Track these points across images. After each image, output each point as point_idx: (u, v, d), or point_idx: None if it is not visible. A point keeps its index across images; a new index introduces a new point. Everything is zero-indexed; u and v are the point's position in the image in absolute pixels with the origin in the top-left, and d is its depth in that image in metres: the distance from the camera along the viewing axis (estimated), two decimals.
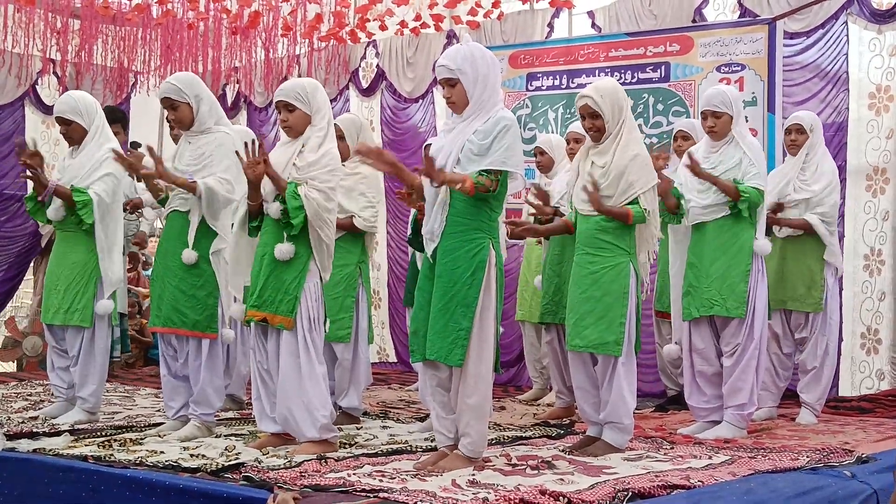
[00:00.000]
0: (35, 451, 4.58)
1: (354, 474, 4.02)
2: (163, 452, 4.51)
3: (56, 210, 5.52)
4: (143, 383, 7.48)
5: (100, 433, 5.09)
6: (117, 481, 4.04)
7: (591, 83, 5.00)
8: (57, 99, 6.02)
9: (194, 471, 4.11)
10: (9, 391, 6.80)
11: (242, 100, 9.81)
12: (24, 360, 8.72)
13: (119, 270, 5.68)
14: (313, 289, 4.73)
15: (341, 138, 5.45)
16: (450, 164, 4.28)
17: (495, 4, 8.31)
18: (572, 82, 7.59)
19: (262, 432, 4.86)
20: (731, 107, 5.36)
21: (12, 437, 4.88)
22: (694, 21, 7.40)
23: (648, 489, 3.78)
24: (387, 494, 3.65)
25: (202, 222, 5.06)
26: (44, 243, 8.61)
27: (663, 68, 7.28)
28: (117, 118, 6.92)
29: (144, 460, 4.31)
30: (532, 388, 7.05)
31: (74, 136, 5.59)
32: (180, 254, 5.07)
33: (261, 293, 4.71)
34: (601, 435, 4.78)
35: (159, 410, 5.83)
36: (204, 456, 4.45)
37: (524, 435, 5.30)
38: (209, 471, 4.10)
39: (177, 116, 5.14)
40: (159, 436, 4.98)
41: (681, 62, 7.20)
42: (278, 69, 9.38)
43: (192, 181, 4.98)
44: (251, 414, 5.71)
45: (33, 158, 5.40)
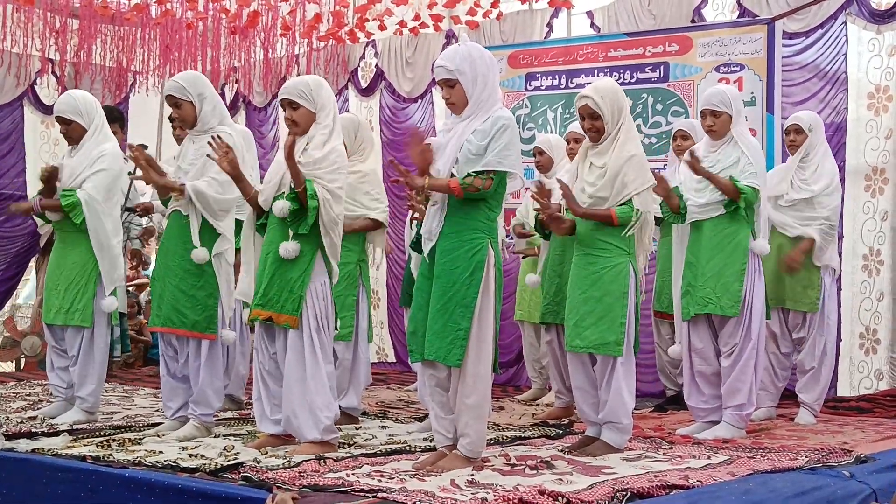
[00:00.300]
0: (34, 450, 4.57)
1: (353, 474, 4.02)
2: (161, 452, 4.51)
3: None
4: (142, 383, 7.48)
5: (98, 433, 5.09)
6: (116, 481, 4.05)
7: (590, 83, 5.00)
8: (56, 98, 6.02)
9: (193, 471, 4.11)
10: (7, 391, 6.80)
11: (241, 100, 9.81)
12: (23, 360, 8.72)
13: (119, 268, 5.68)
14: (320, 288, 4.71)
15: None
16: (448, 164, 4.28)
17: (494, 4, 8.31)
18: (571, 82, 7.59)
19: (261, 432, 4.86)
20: (730, 106, 5.36)
21: (11, 436, 4.88)
22: (693, 21, 7.40)
23: (647, 489, 3.78)
24: (385, 494, 3.65)
25: (204, 223, 5.06)
26: (42, 243, 8.61)
27: (662, 68, 7.28)
28: (115, 118, 6.92)
29: (143, 460, 4.31)
30: (531, 388, 7.05)
31: (74, 135, 5.59)
32: (181, 254, 5.07)
33: (265, 292, 4.70)
34: (600, 435, 4.78)
35: (158, 410, 5.83)
36: (203, 456, 4.44)
37: (523, 435, 5.30)
38: (208, 471, 4.10)
39: (180, 114, 5.15)
40: (158, 436, 4.98)
41: (680, 62, 7.20)
42: (277, 69, 9.38)
43: (180, 184, 4.98)
44: (250, 414, 5.72)
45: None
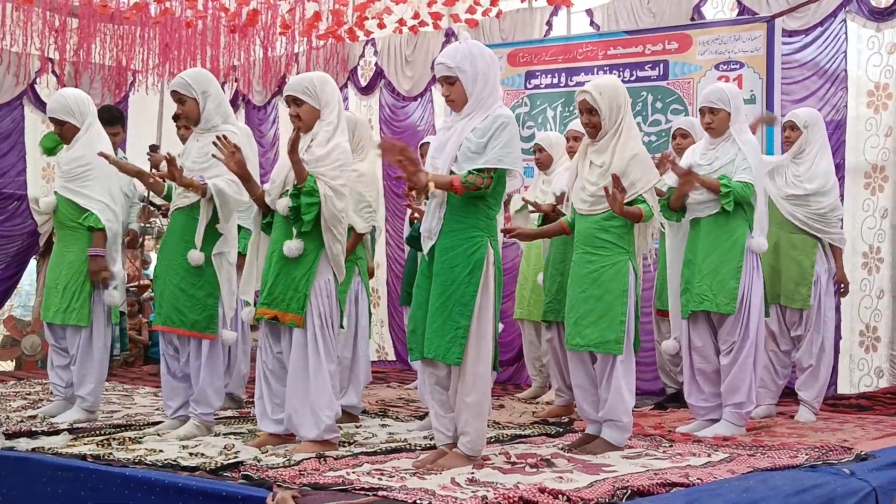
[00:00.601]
0: (34, 450, 4.57)
1: (353, 472, 4.02)
2: (161, 451, 4.51)
3: (48, 203, 5.56)
4: (142, 382, 7.48)
5: (98, 432, 5.09)
6: (116, 480, 4.04)
7: (589, 81, 4.99)
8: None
9: (193, 469, 4.11)
10: (7, 390, 6.80)
11: (241, 98, 9.81)
12: (23, 359, 8.72)
13: (119, 267, 5.70)
14: (324, 286, 4.71)
15: None
16: (448, 162, 4.28)
17: (493, 2, 8.31)
18: (571, 80, 7.59)
19: (262, 431, 4.86)
20: (727, 103, 5.36)
21: (11, 435, 4.88)
22: (692, 19, 7.40)
23: (647, 487, 3.77)
24: (386, 493, 3.65)
25: (207, 224, 5.05)
26: (42, 242, 8.60)
27: (662, 66, 7.28)
28: (116, 118, 6.91)
29: (143, 459, 4.31)
30: (531, 387, 7.05)
31: (68, 135, 5.60)
32: (182, 252, 5.07)
33: (271, 291, 4.70)
34: (600, 433, 4.79)
35: (158, 409, 5.84)
36: (203, 455, 4.44)
37: (523, 433, 5.30)
38: (208, 469, 4.10)
39: (184, 111, 5.14)
40: (158, 434, 4.98)
41: (679, 60, 7.20)
42: (277, 68, 9.38)
43: (202, 182, 4.97)
44: (250, 413, 5.73)
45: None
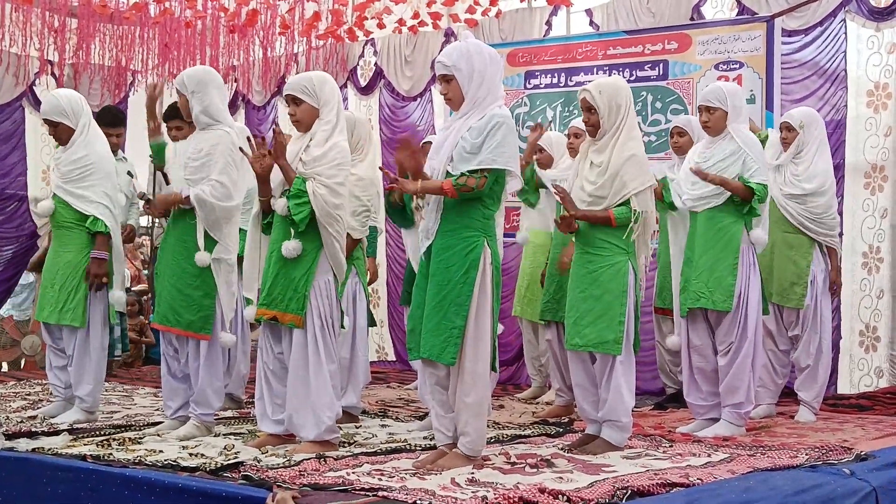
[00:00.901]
0: (34, 450, 4.58)
1: (353, 473, 4.02)
2: (161, 452, 4.51)
3: (45, 207, 5.56)
4: (142, 383, 7.48)
5: (98, 432, 5.09)
6: (116, 480, 4.05)
7: (590, 81, 5.00)
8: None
9: (193, 470, 4.11)
10: (7, 390, 6.80)
11: (240, 98, 9.80)
12: (23, 360, 8.72)
13: (123, 267, 5.74)
14: (324, 286, 4.71)
15: None
16: (444, 162, 4.28)
17: (493, 2, 8.30)
18: (570, 80, 7.58)
19: (262, 431, 4.86)
20: (724, 102, 5.36)
21: (11, 436, 4.88)
22: (692, 19, 7.39)
23: (647, 487, 3.78)
24: (386, 493, 3.65)
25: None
26: (41, 244, 8.60)
27: (661, 66, 7.27)
28: (118, 120, 6.90)
29: (143, 459, 4.31)
30: (531, 387, 7.05)
31: (63, 136, 5.59)
32: (180, 252, 5.08)
33: (270, 291, 4.71)
34: (600, 433, 4.79)
35: (158, 410, 5.83)
36: (203, 455, 4.45)
37: (523, 433, 5.30)
38: (208, 470, 4.10)
39: (180, 105, 5.17)
40: (158, 435, 4.99)
41: (679, 60, 7.20)
42: (276, 68, 9.37)
43: (184, 196, 4.96)
44: (250, 413, 5.73)
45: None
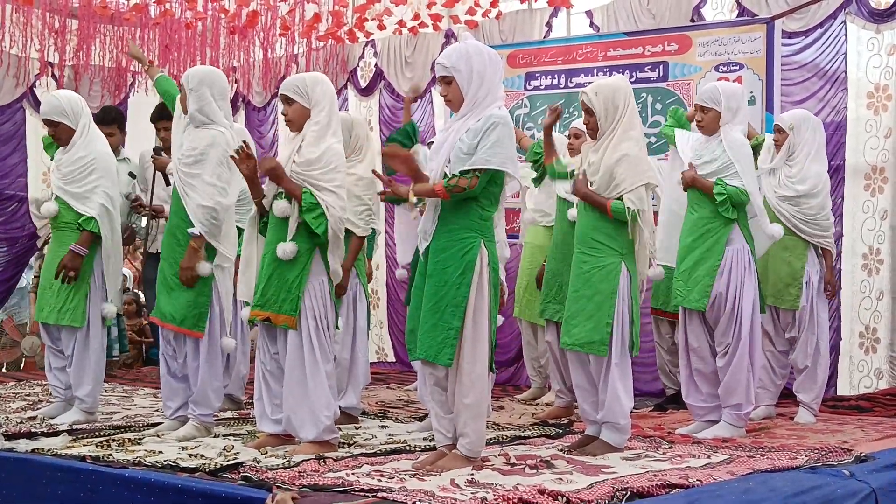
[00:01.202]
0: (33, 451, 4.58)
1: (353, 474, 4.02)
2: (161, 452, 4.51)
3: (49, 209, 5.56)
4: (141, 383, 7.48)
5: (98, 433, 5.09)
6: (115, 481, 4.05)
7: (590, 82, 5.02)
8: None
9: (193, 471, 4.11)
10: (7, 391, 6.80)
11: (241, 99, 9.80)
12: (23, 361, 8.72)
13: (120, 273, 5.73)
14: (318, 287, 4.71)
15: None
16: (442, 163, 4.28)
17: (493, 4, 8.30)
18: (570, 82, 7.58)
19: (261, 432, 4.86)
20: (718, 103, 5.37)
21: (11, 437, 4.88)
22: (692, 20, 7.39)
23: (647, 488, 3.78)
24: (385, 494, 3.65)
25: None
26: (40, 244, 8.60)
27: (661, 68, 7.27)
28: (112, 118, 6.90)
29: (143, 460, 4.31)
30: (531, 388, 7.05)
31: (63, 136, 5.59)
32: (176, 248, 5.10)
33: (264, 292, 4.71)
34: (600, 434, 4.79)
35: (158, 410, 5.83)
36: (202, 456, 4.45)
37: (523, 434, 5.30)
38: (208, 471, 4.10)
39: (180, 98, 5.19)
40: (157, 436, 4.99)
41: (679, 61, 7.20)
42: (276, 69, 9.37)
43: (196, 235, 4.99)
44: (249, 414, 5.73)
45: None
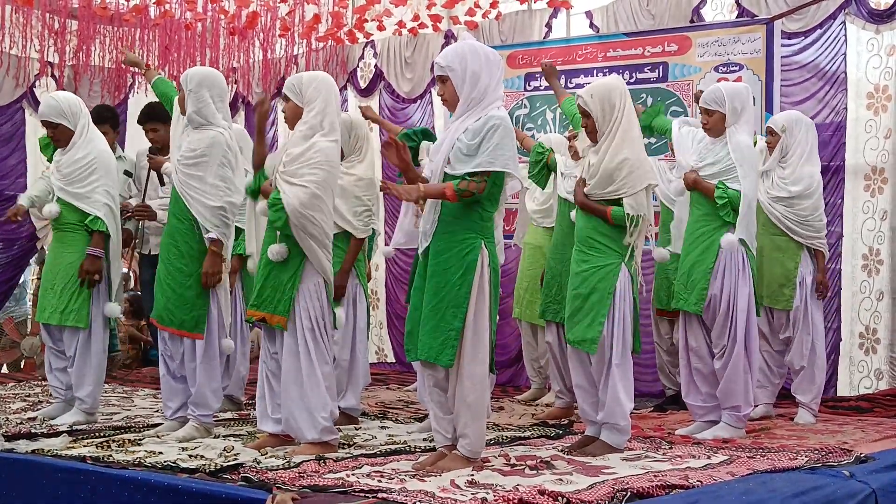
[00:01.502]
0: (33, 451, 4.58)
1: (353, 475, 4.02)
2: (161, 453, 4.51)
3: (51, 211, 5.56)
4: (141, 384, 7.48)
5: (98, 434, 5.09)
6: (115, 482, 4.05)
7: (590, 83, 5.02)
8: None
9: (193, 471, 4.12)
10: (7, 392, 6.80)
11: (240, 100, 9.80)
12: (23, 361, 8.72)
13: (119, 270, 5.74)
14: (313, 289, 4.71)
15: None
16: (441, 164, 4.28)
17: (493, 5, 8.31)
18: (570, 82, 7.58)
19: (261, 432, 4.86)
20: (722, 104, 5.37)
21: (11, 437, 4.88)
22: (692, 21, 7.40)
23: (647, 489, 3.78)
24: (385, 495, 3.65)
25: (197, 225, 5.06)
26: (40, 246, 8.59)
27: (661, 68, 7.28)
28: (106, 118, 6.91)
29: (143, 461, 4.31)
30: (530, 388, 7.05)
31: (62, 138, 5.59)
32: (173, 253, 5.10)
33: (260, 293, 4.73)
34: (600, 435, 4.79)
35: (158, 411, 5.84)
36: (202, 456, 4.45)
37: (523, 435, 5.30)
38: (208, 471, 4.11)
39: (178, 99, 5.19)
40: (157, 436, 4.99)
41: (679, 62, 7.20)
42: (276, 70, 9.37)
43: (214, 239, 5.04)
44: (249, 414, 5.73)
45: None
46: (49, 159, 5.72)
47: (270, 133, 9.57)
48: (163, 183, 6.37)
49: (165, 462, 4.27)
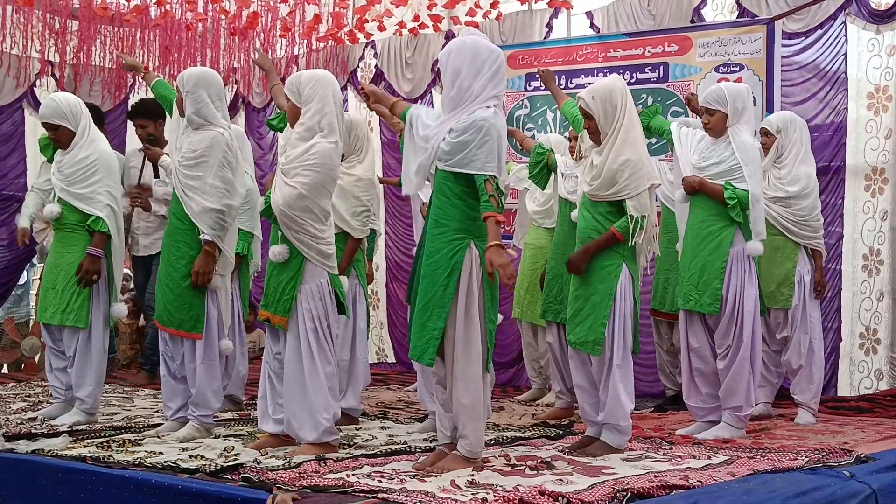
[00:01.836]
0: (34, 452, 4.58)
1: (353, 475, 4.02)
2: (161, 453, 4.51)
3: (52, 212, 5.55)
4: (141, 386, 7.46)
5: (98, 434, 5.09)
6: (116, 482, 4.05)
7: (590, 83, 5.01)
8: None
9: (193, 472, 4.12)
10: (7, 392, 6.80)
11: (241, 100, 9.80)
12: (23, 361, 8.72)
13: (121, 270, 5.75)
14: (315, 289, 4.71)
15: None
16: (431, 160, 4.27)
17: (494, 5, 8.30)
18: (571, 83, 7.58)
19: (262, 432, 4.86)
20: (724, 104, 5.37)
21: (11, 438, 4.88)
22: (692, 21, 7.39)
23: (647, 489, 3.78)
24: (386, 495, 3.65)
25: (194, 226, 5.05)
26: (38, 249, 8.58)
27: (662, 68, 7.28)
28: (94, 118, 6.89)
29: (143, 461, 4.31)
30: (531, 389, 7.05)
31: (63, 139, 5.58)
32: (173, 254, 5.11)
33: (266, 293, 4.76)
34: (600, 435, 4.79)
35: (158, 411, 5.83)
36: (203, 457, 4.45)
37: (523, 435, 5.30)
38: (208, 472, 4.11)
39: (177, 100, 5.19)
40: (158, 437, 4.99)
41: (679, 62, 7.20)
42: (276, 70, 9.36)
43: (209, 241, 5.02)
44: (250, 415, 5.73)
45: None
46: (49, 160, 5.72)
47: (269, 134, 9.57)
48: (157, 174, 6.36)
49: (166, 462, 4.27)
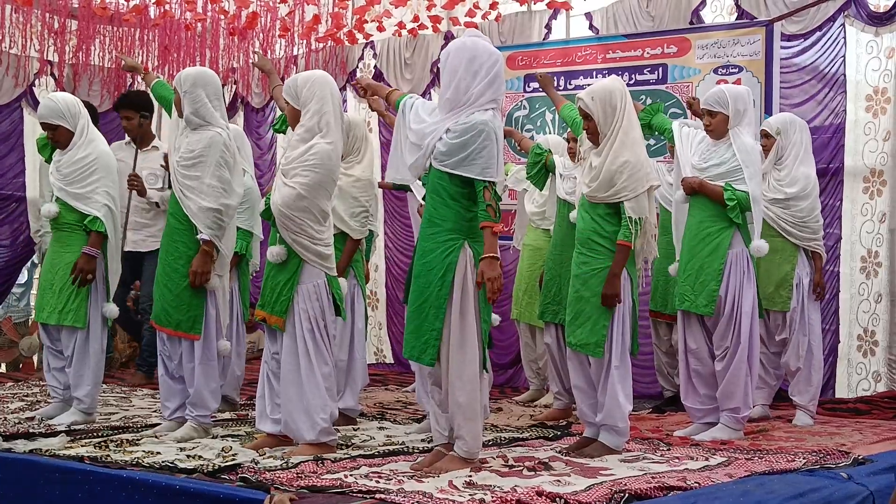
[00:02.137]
0: (31, 451, 4.57)
1: (351, 475, 4.02)
2: (159, 453, 4.51)
3: (50, 211, 5.55)
4: (140, 386, 7.46)
5: (96, 434, 5.09)
6: (113, 482, 4.05)
7: (589, 84, 5.01)
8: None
9: (191, 472, 4.11)
10: (5, 392, 6.80)
11: (240, 101, 9.80)
12: (21, 361, 8.72)
13: (118, 270, 5.73)
14: (312, 290, 4.71)
15: None
16: (425, 159, 4.27)
17: (493, 6, 8.31)
18: (570, 84, 7.59)
19: (259, 433, 4.86)
20: (726, 106, 5.38)
21: (8, 437, 4.88)
22: (691, 23, 7.40)
23: (645, 490, 3.78)
24: (383, 495, 3.65)
25: (192, 227, 5.05)
26: (37, 249, 8.58)
27: (661, 70, 7.28)
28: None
29: (141, 461, 4.31)
30: (529, 389, 7.05)
31: (62, 139, 5.58)
32: (171, 253, 5.11)
33: (263, 293, 4.76)
34: (598, 436, 4.79)
35: (156, 411, 5.83)
36: (200, 457, 4.44)
37: (521, 436, 5.30)
38: (206, 472, 4.10)
39: (174, 101, 5.19)
40: (156, 437, 4.98)
41: (678, 64, 7.21)
42: (276, 70, 9.36)
43: (206, 240, 5.01)
44: (247, 415, 5.73)
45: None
46: (47, 160, 5.71)
47: (268, 135, 9.57)
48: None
49: (163, 462, 4.27)
